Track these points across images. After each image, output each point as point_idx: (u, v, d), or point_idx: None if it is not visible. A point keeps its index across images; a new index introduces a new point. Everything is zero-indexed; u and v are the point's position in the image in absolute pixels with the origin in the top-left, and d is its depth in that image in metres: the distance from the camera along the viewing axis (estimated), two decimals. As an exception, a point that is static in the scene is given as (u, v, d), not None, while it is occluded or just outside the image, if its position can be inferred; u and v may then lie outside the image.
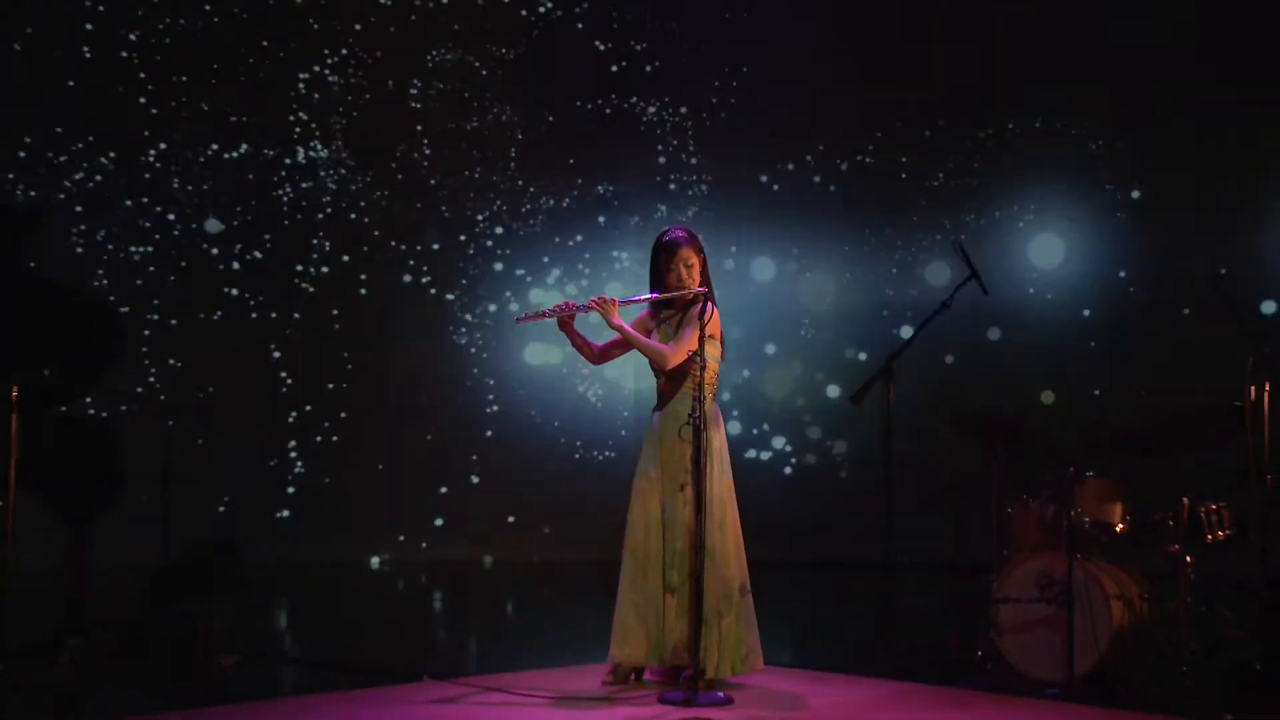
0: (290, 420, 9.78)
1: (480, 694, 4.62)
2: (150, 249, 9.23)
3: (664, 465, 4.76)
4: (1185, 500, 4.94)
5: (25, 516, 4.78)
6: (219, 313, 9.49)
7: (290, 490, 9.76)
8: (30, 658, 5.00)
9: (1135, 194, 9.07)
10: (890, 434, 5.39)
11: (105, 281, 9.01)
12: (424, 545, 9.86)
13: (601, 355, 5.04)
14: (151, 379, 9.12)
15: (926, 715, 4.60)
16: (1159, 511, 5.05)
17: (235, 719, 4.51)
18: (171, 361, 9.21)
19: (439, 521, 9.89)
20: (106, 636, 5.34)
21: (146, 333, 9.07)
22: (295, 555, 9.15)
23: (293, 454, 9.81)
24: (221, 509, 9.22)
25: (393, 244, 9.91)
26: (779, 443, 9.80)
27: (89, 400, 6.46)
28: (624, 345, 5.01)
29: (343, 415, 9.82)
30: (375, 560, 9.95)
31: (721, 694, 4.43)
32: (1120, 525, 5.11)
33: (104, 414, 5.72)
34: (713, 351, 4.77)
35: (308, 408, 9.82)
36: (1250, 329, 4.79)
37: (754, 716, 4.34)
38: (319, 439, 9.84)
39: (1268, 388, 4.57)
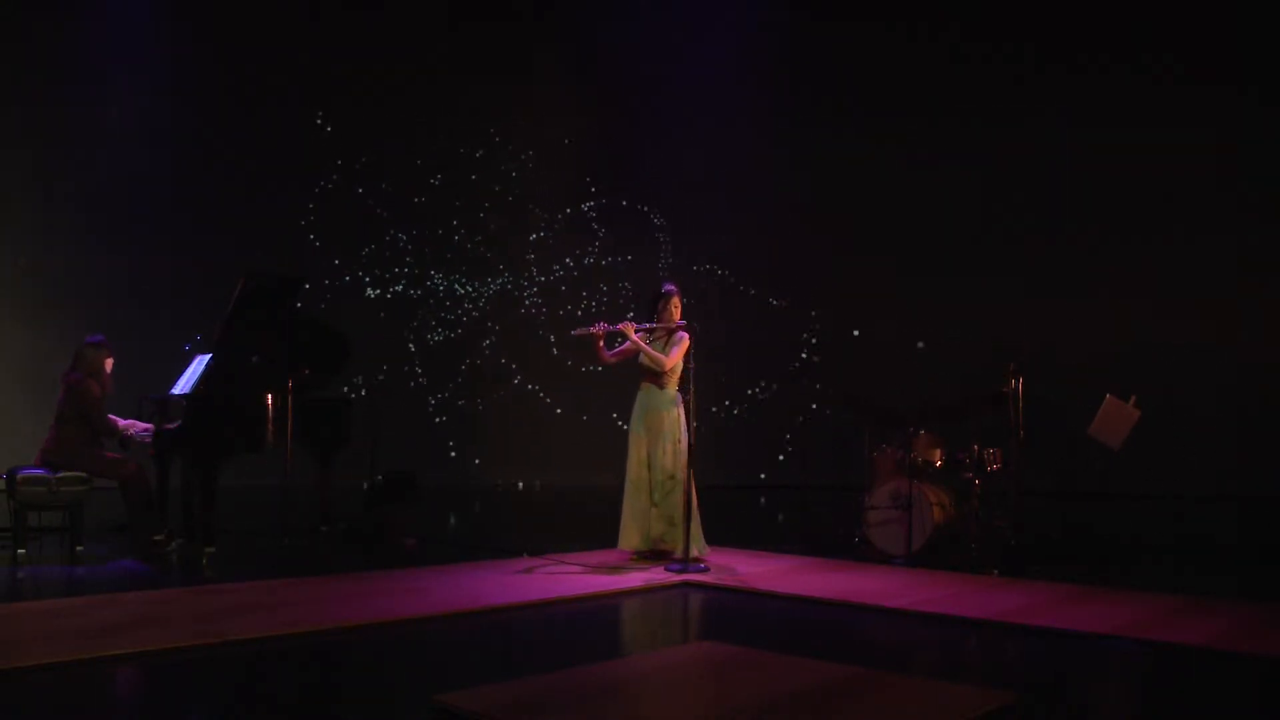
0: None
1: (555, 565, 6.29)
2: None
3: (648, 428, 6.49)
4: (975, 446, 6.71)
5: (296, 455, 6.55)
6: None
7: (446, 439, 12.71)
8: (297, 535, 6.76)
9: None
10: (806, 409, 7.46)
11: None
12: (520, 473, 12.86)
13: (613, 359, 6.60)
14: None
15: (825, 576, 5.91)
16: (960, 453, 6.81)
17: (412, 577, 5.84)
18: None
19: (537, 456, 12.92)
20: (340, 525, 7.26)
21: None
22: (448, 480, 12.06)
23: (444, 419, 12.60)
24: (403, 451, 11.56)
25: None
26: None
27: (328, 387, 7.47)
28: (625, 354, 6.52)
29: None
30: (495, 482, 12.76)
31: (703, 564, 6.15)
32: (939, 462, 6.88)
33: (340, 395, 7.17)
34: (681, 363, 6.50)
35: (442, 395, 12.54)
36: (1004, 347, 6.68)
37: (725, 577, 5.83)
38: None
39: (1021, 381, 6.39)
